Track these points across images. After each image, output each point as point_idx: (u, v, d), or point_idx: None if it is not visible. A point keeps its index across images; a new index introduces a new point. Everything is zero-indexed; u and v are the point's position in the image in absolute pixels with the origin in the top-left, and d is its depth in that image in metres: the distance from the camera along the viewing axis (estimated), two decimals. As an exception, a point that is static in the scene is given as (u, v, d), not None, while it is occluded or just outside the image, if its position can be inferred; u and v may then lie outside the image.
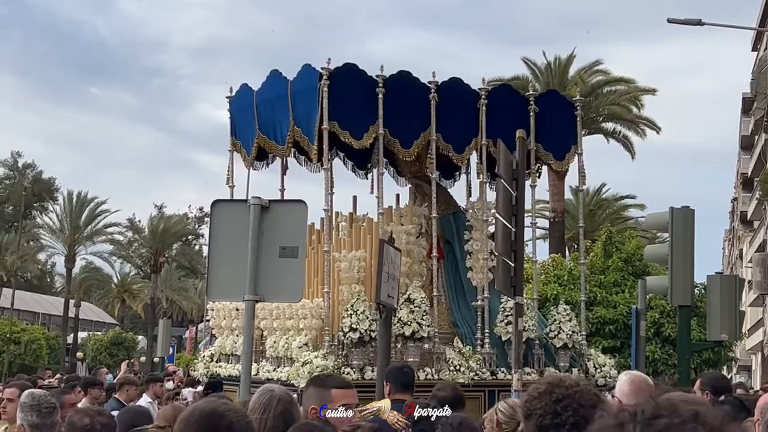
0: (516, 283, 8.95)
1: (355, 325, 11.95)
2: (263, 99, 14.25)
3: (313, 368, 11.33)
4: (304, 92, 13.39)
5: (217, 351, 14.63)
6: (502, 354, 13.51)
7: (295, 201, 7.38)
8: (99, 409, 5.42)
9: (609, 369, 14.37)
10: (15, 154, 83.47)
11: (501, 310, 13.58)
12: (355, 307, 12.09)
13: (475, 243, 13.94)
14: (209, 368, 14.68)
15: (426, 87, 13.53)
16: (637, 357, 14.88)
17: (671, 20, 19.98)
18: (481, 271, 13.74)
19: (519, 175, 9.17)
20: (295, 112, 13.52)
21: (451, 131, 13.80)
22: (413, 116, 13.56)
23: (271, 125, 14.20)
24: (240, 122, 15.11)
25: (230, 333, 14.36)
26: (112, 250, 70.23)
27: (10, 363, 53.81)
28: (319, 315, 12.18)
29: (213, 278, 7.25)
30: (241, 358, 7.30)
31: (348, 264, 12.71)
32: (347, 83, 13.14)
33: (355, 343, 12.00)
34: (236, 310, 13.82)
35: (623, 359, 24.60)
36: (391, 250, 10.38)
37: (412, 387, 7.99)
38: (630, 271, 27.04)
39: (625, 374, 6.23)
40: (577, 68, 38.47)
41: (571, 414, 3.38)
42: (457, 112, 13.83)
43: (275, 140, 14.12)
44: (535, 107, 14.33)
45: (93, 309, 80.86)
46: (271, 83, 14.15)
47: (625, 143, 38.99)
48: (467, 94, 13.94)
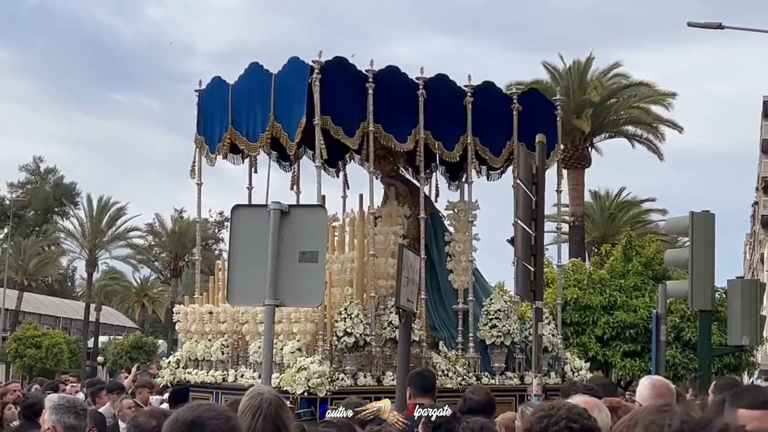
0: (536, 287, 8.94)
1: (350, 329, 11.57)
2: (240, 93, 13.39)
3: (310, 374, 11.02)
4: (289, 86, 12.56)
5: (185, 356, 13.70)
6: (485, 358, 13.23)
7: (315, 206, 7.42)
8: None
9: (585, 373, 14.14)
10: (37, 159, 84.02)
11: (484, 314, 13.27)
12: (349, 311, 11.68)
13: (457, 245, 13.59)
14: (176, 374, 13.72)
15: (414, 83, 12.98)
16: (657, 361, 14.83)
17: (691, 24, 19.92)
18: (464, 273, 13.44)
19: (539, 180, 9.15)
20: (277, 106, 12.67)
21: (440, 128, 13.29)
22: (403, 112, 13.01)
23: (244, 120, 13.41)
24: (209, 117, 14.15)
25: (201, 338, 13.45)
26: (132, 255, 70.56)
27: (31, 367, 54.09)
28: (313, 319, 11.64)
29: (233, 283, 7.27)
30: (263, 364, 7.28)
31: (340, 266, 12.24)
32: (338, 77, 12.44)
33: (349, 348, 11.63)
34: (209, 314, 13.30)
35: (644, 363, 24.57)
36: (410, 254, 10.36)
37: (434, 390, 8.00)
38: (650, 276, 26.93)
39: (646, 379, 6.24)
40: (596, 72, 38.38)
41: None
42: (444, 109, 13.33)
43: (246, 136, 13.37)
44: (519, 106, 13.91)
45: (113, 313, 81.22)
46: (251, 76, 13.23)
47: (650, 145, 38.84)
48: (453, 91, 13.43)
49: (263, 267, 6.95)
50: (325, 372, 11.13)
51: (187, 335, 13.79)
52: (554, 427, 3.47)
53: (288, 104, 12.55)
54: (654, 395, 5.68)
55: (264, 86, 12.79)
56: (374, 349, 12.03)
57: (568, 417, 3.50)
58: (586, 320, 26.26)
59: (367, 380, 11.70)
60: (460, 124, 13.47)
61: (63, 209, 79.89)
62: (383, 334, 12.07)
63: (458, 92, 13.43)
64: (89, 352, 64.32)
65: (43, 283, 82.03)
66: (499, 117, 13.86)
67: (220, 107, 13.74)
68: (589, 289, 26.87)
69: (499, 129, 13.94)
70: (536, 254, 8.97)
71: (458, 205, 14.01)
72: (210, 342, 13.18)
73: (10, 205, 71.76)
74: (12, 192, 79.67)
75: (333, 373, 11.34)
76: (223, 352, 12.91)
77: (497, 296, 13.68)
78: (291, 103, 12.49)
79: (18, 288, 67.66)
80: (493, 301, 13.42)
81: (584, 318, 26.28)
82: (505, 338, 13.10)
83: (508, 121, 13.87)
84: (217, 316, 13.18)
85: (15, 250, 68.47)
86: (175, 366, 13.76)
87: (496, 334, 13.06)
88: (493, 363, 13.18)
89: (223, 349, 12.91)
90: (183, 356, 13.72)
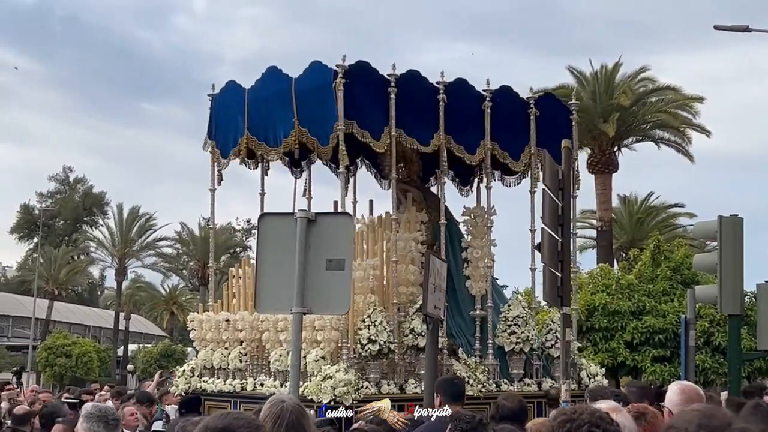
0: (563, 293, 8.92)
1: (374, 337, 11.50)
2: (257, 97, 13.17)
3: (336, 383, 10.92)
4: (312, 90, 12.39)
5: (200, 365, 13.50)
6: (503, 365, 13.15)
7: (341, 213, 7.44)
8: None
9: (601, 379, 14.01)
10: (66, 169, 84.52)
11: (503, 320, 13.19)
12: (372, 318, 11.61)
13: (475, 251, 13.50)
14: (191, 383, 13.47)
15: (435, 87, 12.88)
16: (686, 367, 14.74)
17: (718, 27, 19.80)
18: (482, 279, 13.36)
19: (565, 185, 9.13)
20: (300, 111, 12.47)
21: (461, 133, 13.20)
22: (424, 116, 12.90)
23: (263, 125, 13.24)
24: (222, 121, 13.98)
25: (217, 346, 13.27)
26: (161, 263, 70.87)
27: (62, 376, 54.37)
28: (337, 326, 11.53)
29: (261, 291, 7.29)
30: (290, 373, 7.28)
31: (362, 273, 12.08)
32: (361, 81, 12.30)
33: (373, 356, 11.55)
34: (226, 322, 13.14)
35: (673, 369, 24.43)
36: (437, 261, 10.37)
37: (463, 398, 7.98)
38: (679, 280, 26.79)
39: (675, 384, 6.21)
40: (623, 76, 38.22)
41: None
42: (463, 113, 13.26)
43: (265, 141, 13.23)
44: (536, 110, 13.86)
45: (142, 321, 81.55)
46: (269, 81, 12.99)
47: (678, 149, 38.63)
48: (473, 95, 13.35)
49: (290, 275, 6.96)
50: (350, 380, 11.05)
51: (202, 343, 13.62)
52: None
53: (314, 108, 12.43)
54: (683, 401, 5.65)
55: (283, 90, 12.60)
56: (397, 357, 11.97)
57: (590, 421, 3.48)
58: (615, 325, 26.18)
59: (391, 388, 11.63)
60: (479, 129, 13.41)
61: (92, 218, 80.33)
62: (405, 342, 12.01)
63: (477, 96, 13.37)
64: (119, 361, 64.59)
65: (73, 292, 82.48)
66: (516, 121, 13.78)
67: (235, 112, 13.59)
68: (617, 294, 26.78)
69: (517, 133, 13.87)
70: (563, 260, 8.94)
71: (475, 211, 13.94)
72: (227, 350, 13.01)
73: (40, 215, 72.22)
74: (42, 202, 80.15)
75: (358, 382, 11.26)
76: (241, 360, 12.76)
77: (515, 302, 13.61)
78: (318, 107, 12.35)
79: (48, 297, 68.08)
80: (512, 307, 13.34)
81: (613, 323, 26.20)
82: (524, 345, 13.02)
83: (525, 125, 13.81)
84: (234, 324, 13.02)
85: (45, 259, 68.92)
86: (190, 375, 13.57)
87: (515, 341, 12.99)
88: (512, 370, 13.11)
89: (241, 357, 12.77)
90: (198, 365, 13.53)
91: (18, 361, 59.59)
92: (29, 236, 79.72)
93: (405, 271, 12.54)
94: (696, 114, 37.84)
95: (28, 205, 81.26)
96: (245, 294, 13.20)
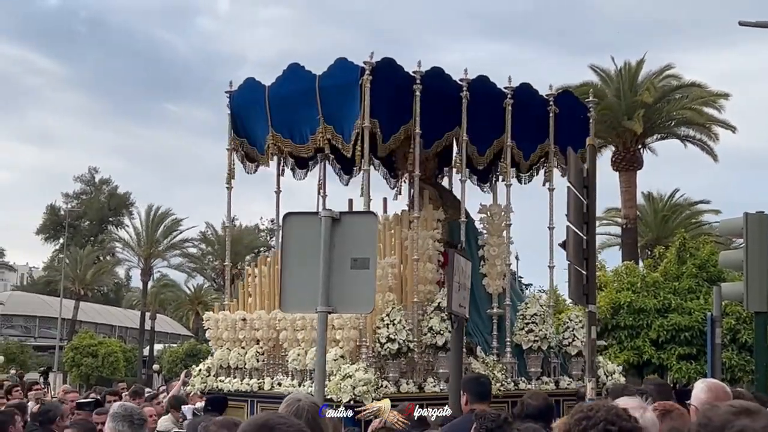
0: (589, 291, 8.90)
1: (393, 336, 11.36)
2: (279, 94, 12.97)
3: (356, 382, 10.82)
4: (337, 87, 12.22)
5: (216, 364, 13.31)
6: (521, 363, 13.05)
7: (365, 213, 7.42)
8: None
9: (618, 376, 13.88)
10: (92, 170, 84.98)
11: (520, 318, 13.10)
12: (391, 317, 11.46)
13: (492, 248, 13.32)
14: (207, 383, 13.31)
15: (458, 85, 12.76)
16: (713, 364, 14.68)
17: (743, 23, 19.65)
18: (499, 277, 13.21)
19: (590, 183, 9.11)
20: (325, 108, 12.37)
21: (478, 131, 13.10)
22: (446, 114, 12.81)
23: (288, 123, 13.11)
24: (245, 119, 13.82)
25: (233, 345, 13.11)
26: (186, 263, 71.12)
27: (88, 375, 54.70)
28: (356, 325, 11.39)
29: (286, 290, 7.30)
30: (316, 372, 7.29)
31: (381, 271, 11.77)
32: (387, 79, 12.14)
33: (393, 355, 11.41)
34: (242, 321, 12.98)
35: (699, 366, 24.33)
36: (462, 259, 10.35)
37: (489, 397, 7.98)
38: (705, 278, 26.70)
39: (701, 382, 6.18)
40: (647, 74, 38.01)
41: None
42: (484, 111, 13.15)
43: (291, 138, 13.13)
44: (555, 108, 13.75)
45: (168, 321, 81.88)
46: (291, 78, 12.79)
47: (703, 146, 38.41)
48: (494, 93, 13.21)
49: (315, 274, 6.97)
50: (370, 380, 10.97)
51: (218, 342, 13.45)
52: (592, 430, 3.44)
53: (338, 106, 12.35)
54: (710, 398, 5.61)
55: (307, 88, 12.45)
56: (416, 356, 11.87)
57: (606, 419, 3.46)
58: (640, 323, 26.15)
59: (410, 387, 11.55)
60: (498, 126, 13.35)
61: (117, 219, 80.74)
62: (423, 340, 11.90)
63: (498, 94, 13.27)
64: (145, 360, 64.88)
65: (99, 292, 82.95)
66: (535, 119, 13.71)
67: (256, 109, 13.44)
68: (642, 292, 26.72)
69: (534, 131, 13.83)
70: (588, 258, 8.93)
71: (491, 209, 13.76)
72: (243, 349, 12.89)
73: (65, 216, 72.67)
74: (67, 203, 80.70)
75: (377, 381, 11.18)
76: (258, 359, 12.64)
77: (532, 300, 13.52)
78: (344, 104, 12.27)
79: (74, 297, 68.47)
80: (529, 305, 13.27)
81: (638, 321, 26.17)
82: (542, 343, 12.95)
83: (543, 123, 13.73)
84: (251, 323, 12.87)
85: (71, 260, 69.32)
86: (206, 374, 13.42)
87: (533, 339, 12.92)
88: (530, 368, 13.01)
89: (258, 356, 12.65)
90: (214, 364, 13.35)
91: (45, 361, 60.06)
92: (55, 237, 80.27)
93: (423, 269, 12.42)
94: (721, 109, 37.64)
95: (54, 206, 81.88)
96: (261, 293, 13.15)
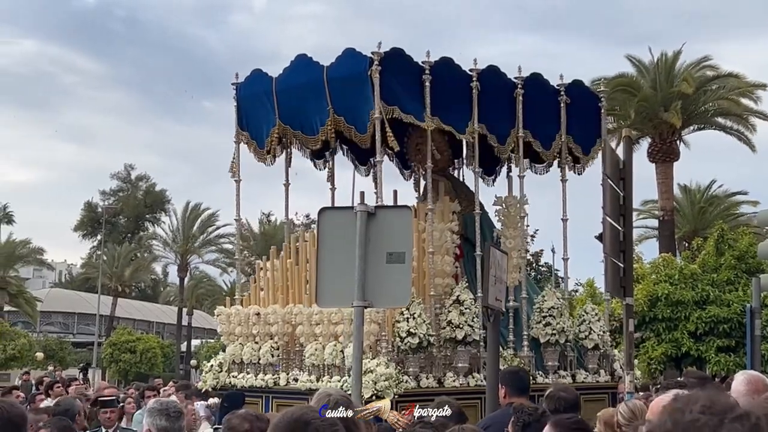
0: (626, 283, 8.84)
1: (413, 330, 11.19)
2: (286, 86, 12.90)
3: (377, 377, 10.69)
4: (346, 78, 12.14)
5: (228, 360, 13.08)
6: (538, 357, 12.94)
7: (401, 207, 7.40)
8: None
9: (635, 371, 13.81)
10: (128, 167, 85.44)
11: (537, 311, 12.97)
12: (411, 311, 11.25)
13: (508, 240, 13.12)
14: (219, 379, 13.06)
15: (468, 75, 12.63)
16: (752, 356, 14.60)
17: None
18: (515, 270, 12.95)
19: (626, 175, 9.04)
20: (334, 99, 12.29)
21: (493, 121, 12.96)
22: (459, 104, 12.66)
23: (296, 114, 13.01)
24: (251, 111, 13.65)
25: (246, 340, 12.84)
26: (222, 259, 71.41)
27: (126, 371, 55.13)
28: (377, 319, 11.15)
29: (321, 285, 7.29)
30: (353, 367, 7.26)
31: None
32: (396, 69, 12.03)
33: (413, 349, 11.26)
34: (256, 315, 12.72)
35: (738, 359, 24.14)
36: (498, 252, 10.30)
37: (528, 390, 7.95)
38: (743, 269, 26.49)
39: (741, 374, 6.12)
40: (683, 65, 37.71)
41: None
42: (496, 101, 13.02)
43: (301, 130, 13.05)
44: (566, 98, 13.62)
45: (205, 317, 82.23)
46: (298, 69, 12.75)
47: (740, 137, 38.04)
48: (505, 83, 13.10)
49: (350, 269, 6.94)
50: (392, 374, 10.87)
51: (230, 338, 13.19)
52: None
53: (349, 96, 12.25)
54: (750, 391, 5.55)
55: (315, 79, 12.37)
56: (435, 350, 11.74)
57: None
58: (678, 315, 26.00)
59: (429, 381, 11.45)
60: (511, 116, 13.23)
61: (154, 216, 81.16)
62: (442, 334, 11.78)
63: (509, 84, 13.16)
64: (182, 356, 65.27)
65: (136, 288, 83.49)
66: (546, 109, 13.60)
67: (263, 101, 13.34)
68: (680, 284, 26.55)
69: (547, 121, 13.71)
70: (625, 250, 8.86)
71: (507, 200, 13.63)
72: (257, 344, 12.70)
73: (103, 213, 73.15)
74: (105, 200, 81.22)
75: (398, 375, 11.06)
76: (273, 354, 12.45)
77: (549, 293, 13.36)
78: (354, 95, 12.18)
79: (112, 294, 68.98)
80: (546, 298, 13.14)
81: (676, 313, 26.02)
82: (560, 336, 12.84)
83: (555, 113, 13.62)
84: (265, 318, 12.63)
85: (108, 256, 69.81)
86: (218, 370, 13.19)
87: (551, 332, 12.82)
88: (547, 361, 12.94)
89: (273, 351, 12.47)
90: (227, 359, 13.14)
91: (83, 358, 60.55)
92: (93, 234, 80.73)
93: (441, 262, 12.28)
94: (758, 101, 37.27)
95: (91, 203, 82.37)
96: (274, 287, 13.01)
